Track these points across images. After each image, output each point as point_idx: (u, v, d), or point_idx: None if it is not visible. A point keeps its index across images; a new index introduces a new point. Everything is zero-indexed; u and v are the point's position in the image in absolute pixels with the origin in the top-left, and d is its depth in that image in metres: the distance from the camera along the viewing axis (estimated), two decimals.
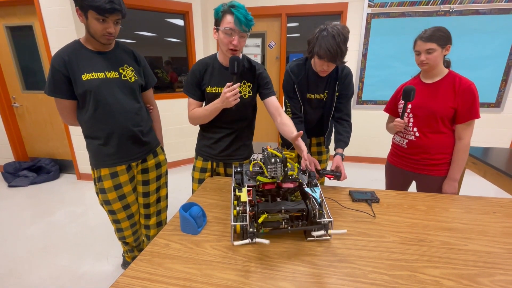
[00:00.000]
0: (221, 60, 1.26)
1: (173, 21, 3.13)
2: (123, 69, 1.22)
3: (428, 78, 1.32)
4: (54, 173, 3.03)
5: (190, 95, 1.28)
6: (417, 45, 1.25)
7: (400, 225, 0.93)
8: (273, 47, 3.43)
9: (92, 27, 1.08)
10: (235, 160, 1.37)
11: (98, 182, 1.28)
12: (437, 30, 1.20)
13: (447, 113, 1.25)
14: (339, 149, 1.39)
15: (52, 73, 1.10)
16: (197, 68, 1.25)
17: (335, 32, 1.16)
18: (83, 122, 1.21)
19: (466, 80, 1.22)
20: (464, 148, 1.27)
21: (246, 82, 1.28)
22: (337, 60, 1.21)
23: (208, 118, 1.25)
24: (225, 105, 1.14)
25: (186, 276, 0.69)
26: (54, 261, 1.74)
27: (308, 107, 1.48)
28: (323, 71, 1.30)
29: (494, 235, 0.87)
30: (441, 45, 1.20)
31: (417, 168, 1.37)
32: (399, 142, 1.44)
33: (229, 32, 1.11)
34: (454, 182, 1.29)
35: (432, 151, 1.31)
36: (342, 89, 1.41)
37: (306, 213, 0.81)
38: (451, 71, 1.28)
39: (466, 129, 1.26)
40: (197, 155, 1.41)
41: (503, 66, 2.87)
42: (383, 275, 0.70)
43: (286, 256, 0.77)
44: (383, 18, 2.94)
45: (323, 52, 1.18)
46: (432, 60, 1.22)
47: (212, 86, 1.25)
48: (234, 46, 1.12)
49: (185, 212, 0.87)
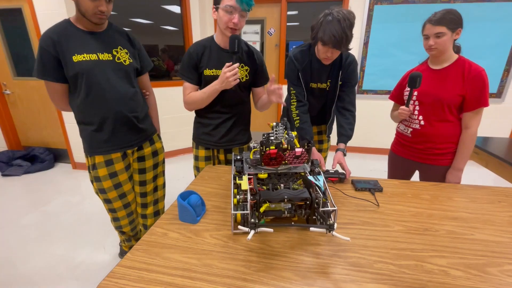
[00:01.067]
0: (219, 42, 1.21)
1: (169, 7, 3.01)
2: (117, 51, 1.16)
3: (436, 64, 1.26)
4: (49, 162, 2.97)
5: (187, 78, 1.23)
6: (426, 28, 1.19)
7: (405, 214, 0.91)
8: (272, 34, 3.33)
9: (83, 4, 1.01)
10: (235, 145, 1.35)
11: (93, 170, 1.24)
12: (448, 12, 1.14)
13: (455, 100, 1.20)
14: (341, 144, 1.34)
15: (41, 54, 1.04)
16: (194, 50, 1.20)
17: (340, 16, 1.09)
18: (75, 106, 1.16)
19: (477, 67, 1.16)
20: (471, 138, 1.23)
21: (244, 66, 1.25)
22: (342, 47, 1.14)
23: (205, 102, 1.21)
24: (225, 86, 1.10)
25: (185, 266, 0.66)
26: (50, 251, 1.72)
27: (310, 97, 1.43)
28: (326, 58, 1.23)
29: (500, 225, 0.85)
30: (451, 28, 1.14)
31: (420, 157, 1.34)
32: (403, 131, 1.40)
33: (229, 10, 1.07)
34: (458, 172, 1.27)
35: (437, 140, 1.28)
36: (345, 77, 1.34)
37: (310, 202, 0.78)
38: (461, 56, 1.22)
39: (474, 117, 1.21)
40: (197, 144, 1.37)
41: (506, 56, 2.82)
42: (389, 264, 0.68)
43: (288, 246, 0.74)
44: (386, 4, 2.85)
45: (327, 37, 1.11)
46: (441, 44, 1.16)
47: (210, 69, 1.20)
48: (234, 24, 1.09)
49: (184, 200, 0.83)
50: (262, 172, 0.91)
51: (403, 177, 1.45)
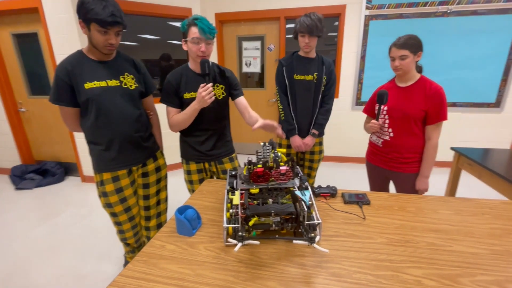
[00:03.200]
0: (193, 68, 1.38)
1: (175, 24, 3.19)
2: (124, 77, 1.27)
3: (402, 82, 1.43)
4: (59, 175, 3.11)
5: (169, 103, 1.38)
6: (392, 51, 1.36)
7: (389, 226, 0.96)
8: (272, 50, 3.46)
9: (95, 38, 1.13)
10: (223, 156, 1.50)
11: (101, 186, 1.33)
12: (410, 38, 1.31)
13: (419, 115, 1.36)
14: (314, 130, 1.74)
15: (56, 82, 1.16)
16: (173, 78, 1.36)
17: (310, 13, 1.54)
18: (85, 128, 1.26)
19: (436, 85, 1.33)
20: (433, 147, 1.39)
21: (219, 85, 1.40)
22: (314, 32, 1.52)
23: (188, 121, 1.35)
24: (202, 104, 1.24)
25: (179, 276, 0.73)
26: (59, 262, 1.80)
27: (298, 89, 1.70)
28: (306, 45, 1.59)
29: (480, 236, 0.90)
30: (413, 52, 1.31)
31: (391, 165, 1.49)
32: (375, 141, 1.56)
33: (196, 41, 1.24)
34: (425, 179, 1.43)
35: (403, 151, 1.43)
36: (327, 73, 1.69)
37: (295, 216, 0.85)
38: (422, 76, 1.39)
39: (435, 129, 1.37)
40: (187, 160, 1.49)
41: (503, 66, 2.87)
42: (367, 275, 0.73)
43: (275, 257, 0.80)
44: (381, 20, 2.96)
45: (302, 27, 1.53)
46: (405, 65, 1.33)
47: (189, 92, 1.35)
48: (202, 52, 1.26)
49: (181, 214, 0.91)
50: (254, 187, 0.98)
51: (380, 185, 1.61)
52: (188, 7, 3.11)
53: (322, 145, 1.89)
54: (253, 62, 3.57)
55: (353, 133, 3.40)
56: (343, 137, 3.46)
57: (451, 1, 2.78)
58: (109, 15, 1.07)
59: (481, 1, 2.73)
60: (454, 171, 1.92)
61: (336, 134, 3.45)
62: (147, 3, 2.87)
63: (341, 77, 3.27)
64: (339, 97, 3.34)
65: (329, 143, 3.46)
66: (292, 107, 1.75)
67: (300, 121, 1.77)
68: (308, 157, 1.87)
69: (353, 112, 3.36)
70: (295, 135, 1.77)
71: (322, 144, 1.88)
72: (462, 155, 1.80)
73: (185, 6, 3.09)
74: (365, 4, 2.94)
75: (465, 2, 2.76)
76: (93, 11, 1.05)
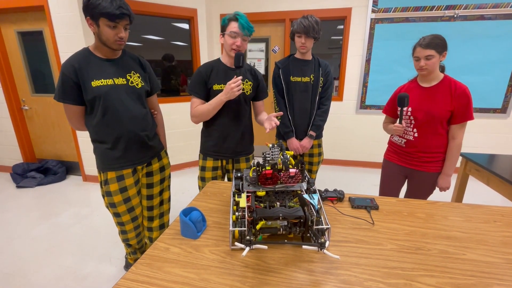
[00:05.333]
0: (225, 62, 1.40)
1: (179, 25, 3.19)
2: (130, 76, 1.26)
3: (425, 82, 1.41)
4: (61, 174, 3.09)
5: (195, 94, 1.38)
6: (417, 51, 1.33)
7: (398, 232, 0.94)
8: (277, 52, 3.45)
9: (104, 34, 1.12)
10: (243, 155, 1.52)
11: (105, 185, 1.31)
12: (435, 37, 1.29)
13: (445, 115, 1.34)
14: (311, 132, 1.72)
15: (62, 80, 1.14)
16: (204, 69, 1.37)
17: (307, 16, 1.55)
18: (91, 127, 1.25)
19: (461, 85, 1.32)
20: (458, 147, 1.39)
21: (248, 81, 1.42)
22: (310, 33, 1.53)
23: (211, 113, 1.36)
24: (229, 96, 1.25)
25: (184, 280, 0.71)
26: (59, 262, 1.78)
27: (295, 91, 1.70)
28: (302, 46, 1.59)
29: (493, 245, 0.87)
30: (439, 51, 1.28)
31: (412, 164, 1.48)
32: (397, 141, 1.54)
33: (233, 35, 1.30)
34: (448, 177, 1.44)
35: (428, 150, 1.42)
36: (324, 74, 1.70)
37: (304, 220, 0.82)
38: (446, 75, 1.37)
39: (460, 129, 1.37)
40: (205, 155, 1.49)
41: (510, 72, 2.84)
42: (379, 283, 0.71)
43: (283, 262, 0.78)
44: (387, 23, 2.94)
45: (298, 27, 1.54)
46: (430, 65, 1.31)
47: (218, 84, 1.37)
48: (237, 46, 1.29)
49: (185, 216, 0.89)
50: (261, 190, 0.96)
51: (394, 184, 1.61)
52: (193, 8, 3.11)
53: (321, 147, 1.87)
54: (258, 64, 3.56)
55: (357, 136, 3.38)
56: (347, 140, 3.44)
57: (458, 6, 2.77)
58: (116, 8, 1.07)
59: (488, 6, 2.71)
60: (461, 176, 1.89)
61: (341, 138, 3.42)
62: (151, 3, 2.86)
63: (345, 80, 3.25)
64: (343, 100, 3.32)
65: (333, 146, 3.45)
66: (289, 109, 1.74)
67: (297, 123, 1.75)
68: (307, 160, 1.86)
69: (358, 115, 3.33)
70: (292, 137, 1.75)
71: (321, 147, 1.87)
72: (470, 161, 1.77)
73: (190, 6, 3.09)
74: (371, 7, 2.93)
75: (472, 7, 2.74)
76: (100, 5, 1.05)
